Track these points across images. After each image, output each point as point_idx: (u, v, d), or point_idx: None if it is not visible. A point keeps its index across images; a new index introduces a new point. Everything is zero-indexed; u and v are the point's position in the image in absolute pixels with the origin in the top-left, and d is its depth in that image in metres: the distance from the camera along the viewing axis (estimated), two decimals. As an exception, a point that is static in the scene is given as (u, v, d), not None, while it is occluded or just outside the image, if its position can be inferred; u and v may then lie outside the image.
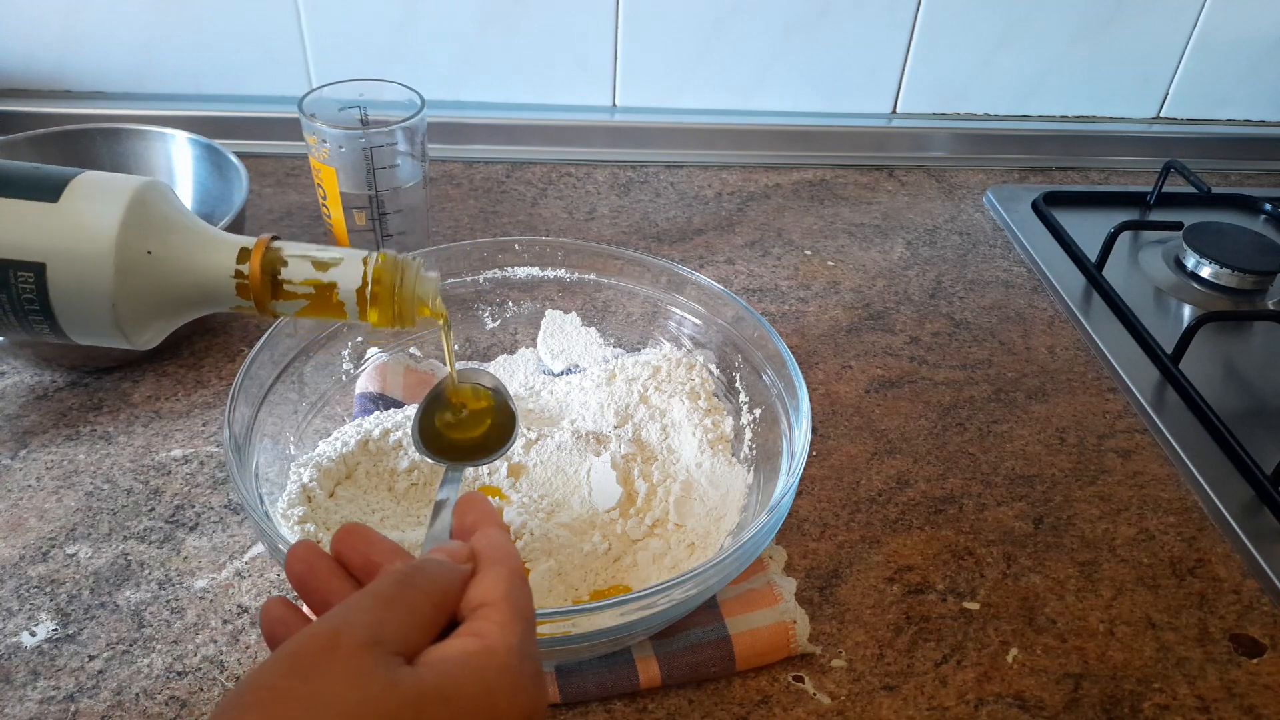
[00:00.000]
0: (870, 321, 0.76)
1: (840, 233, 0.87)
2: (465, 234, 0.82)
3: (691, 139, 0.95)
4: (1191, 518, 0.61)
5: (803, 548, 0.57)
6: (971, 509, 0.60)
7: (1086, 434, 0.67)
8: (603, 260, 0.64)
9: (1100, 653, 0.52)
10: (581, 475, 0.57)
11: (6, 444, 0.60)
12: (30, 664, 0.48)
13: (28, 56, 0.87)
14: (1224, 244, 0.83)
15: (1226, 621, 0.54)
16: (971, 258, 0.85)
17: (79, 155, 0.72)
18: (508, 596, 0.29)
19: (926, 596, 0.55)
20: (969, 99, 0.99)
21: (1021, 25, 0.94)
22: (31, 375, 0.65)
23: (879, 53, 0.95)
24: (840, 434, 0.65)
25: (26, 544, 0.54)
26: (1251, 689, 0.51)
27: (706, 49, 0.93)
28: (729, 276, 0.80)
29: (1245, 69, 1.00)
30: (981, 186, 0.96)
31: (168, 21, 0.86)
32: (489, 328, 0.66)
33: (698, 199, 0.90)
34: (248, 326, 0.70)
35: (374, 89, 0.67)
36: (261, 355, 0.53)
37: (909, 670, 0.51)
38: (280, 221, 0.82)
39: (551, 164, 0.93)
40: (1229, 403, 0.69)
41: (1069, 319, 0.78)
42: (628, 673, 0.48)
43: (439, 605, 0.29)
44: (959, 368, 0.72)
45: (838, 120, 0.98)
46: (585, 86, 0.94)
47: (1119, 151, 1.02)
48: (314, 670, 0.25)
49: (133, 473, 0.59)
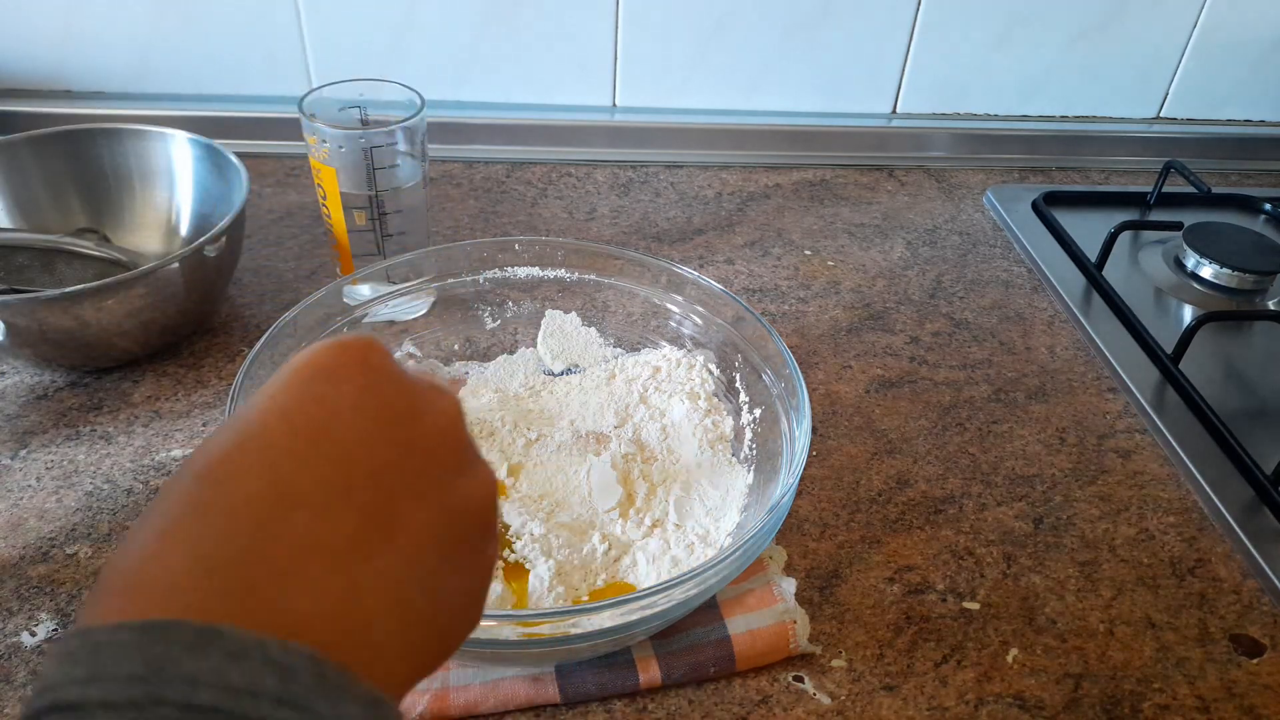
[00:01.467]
0: (870, 321, 0.76)
1: (840, 233, 0.87)
2: (465, 234, 0.82)
3: (691, 139, 0.95)
4: (1191, 518, 0.61)
5: (803, 548, 0.57)
6: (971, 509, 0.60)
7: (1086, 434, 0.67)
8: (603, 260, 0.64)
9: (1100, 653, 0.52)
10: (581, 475, 0.57)
11: (6, 444, 0.60)
12: (30, 664, 0.48)
13: (28, 56, 0.87)
14: (1224, 244, 0.83)
15: (1226, 621, 0.54)
16: (971, 258, 0.85)
17: (79, 155, 0.72)
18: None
19: (926, 596, 0.55)
20: (969, 99, 0.99)
21: (1021, 25, 0.94)
22: (31, 375, 0.65)
23: (879, 53, 0.95)
24: (840, 434, 0.65)
25: (26, 544, 0.54)
26: (1251, 689, 0.51)
27: (706, 49, 0.93)
28: (729, 276, 0.80)
29: (1245, 69, 1.00)
30: (981, 186, 0.96)
31: (168, 21, 0.86)
32: (489, 328, 0.66)
33: (698, 199, 0.90)
34: (248, 326, 0.71)
35: (374, 89, 0.67)
36: (261, 355, 0.53)
37: (909, 670, 0.51)
38: (280, 221, 0.82)
39: (551, 164, 0.93)
40: (1229, 403, 0.69)
41: (1069, 319, 0.78)
42: (628, 673, 0.48)
43: None
44: (959, 368, 0.72)
45: (838, 120, 0.98)
46: (585, 86, 0.94)
47: (1119, 151, 1.02)
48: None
49: (133, 473, 0.59)
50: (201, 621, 0.20)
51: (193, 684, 0.19)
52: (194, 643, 0.19)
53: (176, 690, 0.19)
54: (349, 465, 0.24)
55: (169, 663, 0.19)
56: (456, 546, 0.26)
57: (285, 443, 0.24)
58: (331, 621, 0.22)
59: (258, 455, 0.23)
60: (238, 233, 0.68)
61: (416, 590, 0.24)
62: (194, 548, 0.21)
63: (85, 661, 0.19)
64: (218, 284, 0.69)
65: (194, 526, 0.22)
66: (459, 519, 0.26)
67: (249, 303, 0.73)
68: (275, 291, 0.74)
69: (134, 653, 0.19)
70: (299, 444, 0.24)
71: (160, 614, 0.20)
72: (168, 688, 0.19)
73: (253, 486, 0.23)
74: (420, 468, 0.25)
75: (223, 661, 0.19)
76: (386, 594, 0.23)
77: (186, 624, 0.20)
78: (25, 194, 0.71)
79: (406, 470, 0.25)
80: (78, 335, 0.60)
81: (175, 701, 0.18)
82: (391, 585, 0.23)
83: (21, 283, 0.66)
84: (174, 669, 0.19)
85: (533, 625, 0.42)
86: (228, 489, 0.22)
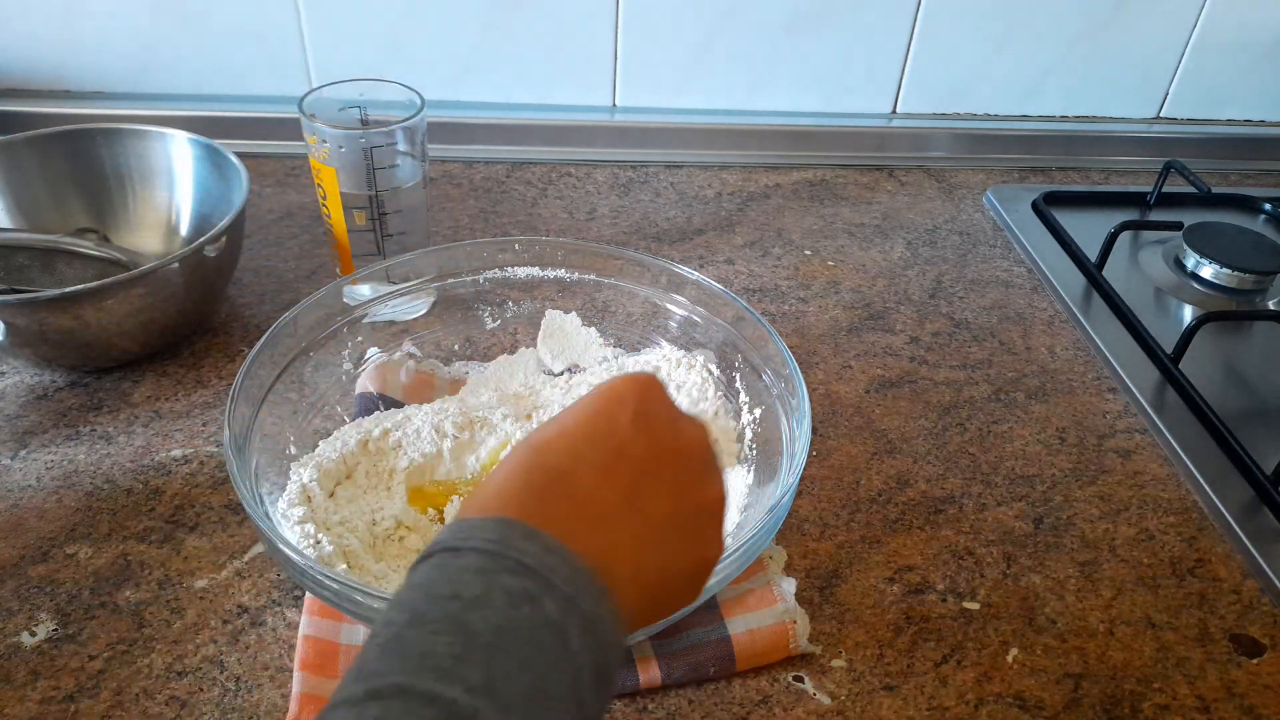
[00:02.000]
0: (870, 321, 0.76)
1: (840, 233, 0.87)
2: (465, 234, 0.82)
3: (691, 139, 0.95)
4: (1191, 518, 0.61)
5: (803, 548, 0.57)
6: (971, 509, 0.60)
7: (1086, 434, 0.67)
8: (603, 260, 0.64)
9: (1100, 653, 0.52)
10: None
11: (6, 444, 0.60)
12: (30, 664, 0.48)
13: (28, 56, 0.87)
14: (1224, 244, 0.83)
15: (1226, 621, 0.54)
16: (971, 258, 0.85)
17: (79, 155, 0.72)
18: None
19: (926, 596, 0.55)
20: (969, 99, 0.99)
21: (1021, 25, 0.94)
22: (31, 375, 0.65)
23: (879, 53, 0.95)
24: (840, 434, 0.65)
25: (26, 544, 0.54)
26: (1251, 689, 0.51)
27: (706, 49, 0.93)
28: (729, 276, 0.80)
29: (1245, 69, 1.00)
30: (981, 186, 0.96)
31: (168, 21, 0.86)
32: (489, 328, 0.66)
33: (698, 199, 0.90)
34: (248, 326, 0.71)
35: (374, 89, 0.67)
36: (261, 355, 0.53)
37: (909, 670, 0.51)
38: (280, 222, 0.82)
39: (551, 164, 0.93)
40: (1229, 403, 0.69)
41: (1069, 319, 0.78)
42: (628, 673, 0.48)
43: None
44: (959, 368, 0.72)
45: (838, 120, 0.98)
46: (585, 86, 0.94)
47: (1119, 151, 1.02)
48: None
49: (133, 473, 0.59)
50: (528, 525, 0.31)
51: (524, 554, 0.29)
52: (526, 534, 0.30)
53: (515, 554, 0.29)
54: (618, 454, 0.34)
55: (512, 538, 0.30)
56: (687, 534, 0.35)
57: (582, 434, 0.34)
58: (597, 555, 0.31)
59: (566, 440, 0.34)
60: (238, 233, 0.68)
61: (652, 555, 0.33)
62: (526, 483, 0.33)
63: (462, 531, 0.31)
64: (218, 284, 0.69)
65: (527, 471, 0.33)
66: (692, 512, 0.35)
67: (249, 303, 0.73)
68: (275, 291, 0.74)
69: (493, 530, 0.30)
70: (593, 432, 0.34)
71: (506, 515, 0.31)
72: (510, 550, 0.29)
73: (561, 451, 0.34)
74: (670, 471, 0.35)
75: (541, 550, 0.30)
76: (631, 549, 0.33)
77: (521, 523, 0.31)
78: (25, 194, 0.71)
79: (661, 469, 0.35)
80: (78, 335, 0.60)
81: (514, 559, 0.29)
82: (635, 544, 0.33)
83: (21, 283, 0.66)
84: (514, 544, 0.30)
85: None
86: (547, 451, 0.34)
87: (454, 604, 0.28)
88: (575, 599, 0.29)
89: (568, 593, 0.29)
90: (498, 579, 0.29)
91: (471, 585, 0.29)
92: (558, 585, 0.29)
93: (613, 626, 0.30)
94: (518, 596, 0.29)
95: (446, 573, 0.30)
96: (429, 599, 0.29)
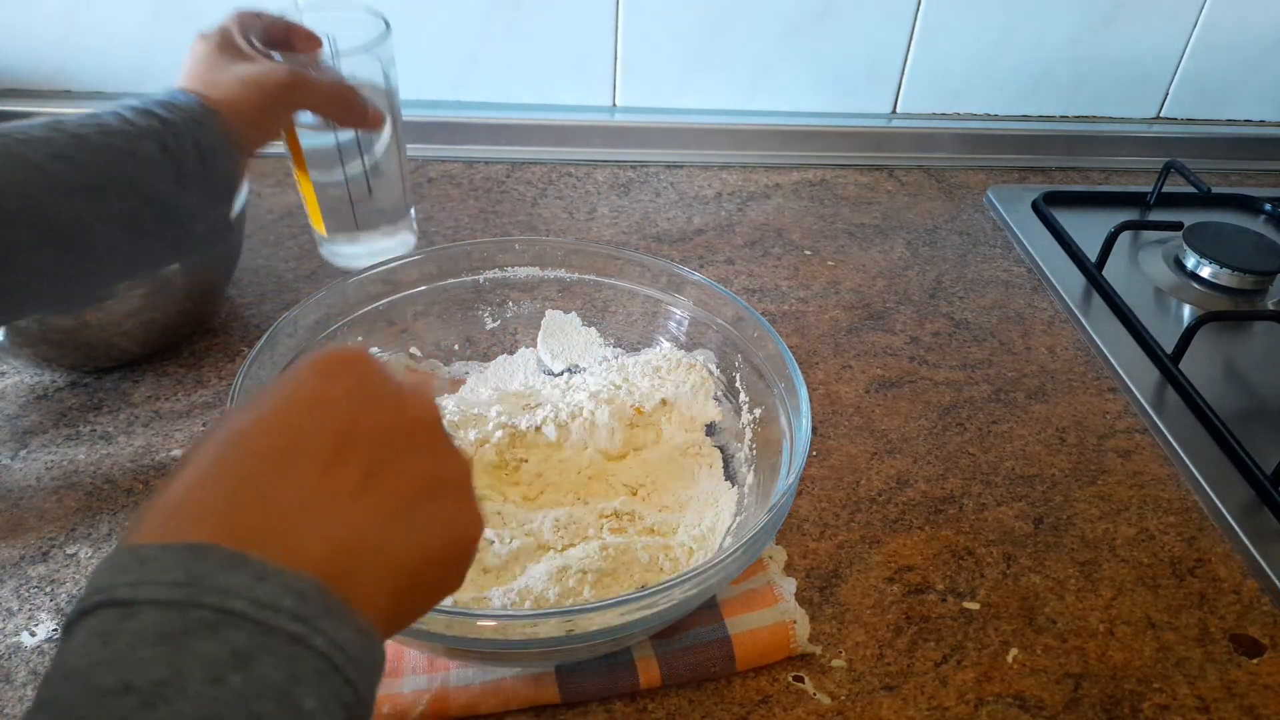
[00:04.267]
0: (870, 321, 0.76)
1: (840, 233, 0.87)
2: (465, 234, 0.82)
3: (691, 139, 0.95)
4: (1191, 518, 0.61)
5: (803, 548, 0.57)
6: (971, 509, 0.60)
7: (1086, 434, 0.67)
8: (603, 260, 0.64)
9: (1100, 653, 0.52)
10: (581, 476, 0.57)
11: (6, 444, 0.60)
12: (30, 664, 0.48)
13: (28, 56, 0.87)
14: (1224, 244, 0.83)
15: (1226, 621, 0.54)
16: (971, 258, 0.85)
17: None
18: None
19: (926, 596, 0.55)
20: (969, 99, 0.99)
21: (1021, 25, 0.94)
22: (31, 375, 0.65)
23: (879, 52, 0.95)
24: (840, 434, 0.65)
25: (26, 544, 0.54)
26: (1251, 689, 0.51)
27: (706, 49, 0.93)
28: (729, 276, 0.80)
29: (1245, 69, 1.00)
30: (981, 186, 0.96)
31: (168, 21, 0.86)
32: (489, 328, 0.66)
33: (698, 199, 0.90)
34: (248, 326, 0.71)
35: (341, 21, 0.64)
36: (261, 355, 0.53)
37: (909, 670, 0.51)
38: (280, 221, 0.82)
39: (551, 164, 0.93)
40: (1229, 403, 0.69)
41: (1069, 319, 0.78)
42: (628, 673, 0.48)
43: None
44: (959, 368, 0.72)
45: (838, 120, 0.98)
46: (585, 86, 0.94)
47: (1119, 151, 1.02)
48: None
49: (133, 473, 0.59)
50: (231, 547, 0.24)
51: (226, 594, 0.23)
52: (227, 563, 0.24)
53: (213, 597, 0.23)
54: (341, 438, 0.29)
55: (207, 575, 0.23)
56: (433, 512, 0.30)
57: (292, 418, 0.29)
58: (328, 561, 0.26)
59: (271, 424, 0.28)
60: (238, 233, 0.68)
61: (399, 542, 0.28)
62: (222, 490, 0.26)
63: (134, 570, 0.23)
64: (218, 284, 0.69)
65: (222, 474, 0.27)
66: (430, 488, 0.30)
67: (249, 303, 0.73)
68: (275, 291, 0.74)
69: (178, 565, 0.23)
70: (303, 419, 0.29)
71: (197, 539, 0.24)
72: (206, 594, 0.23)
73: (268, 446, 0.28)
74: (401, 444, 0.30)
75: (250, 580, 0.23)
76: (373, 540, 0.28)
77: (220, 548, 0.24)
78: (25, 194, 0.71)
79: (389, 445, 0.30)
80: (78, 335, 0.60)
81: (212, 606, 0.23)
82: (377, 534, 0.28)
83: (21, 283, 0.66)
84: (211, 580, 0.23)
85: (532, 625, 0.42)
86: (248, 448, 0.27)
87: (126, 702, 0.21)
88: (306, 637, 0.23)
89: (295, 631, 0.23)
90: (189, 646, 0.22)
91: (151, 666, 0.21)
92: (280, 625, 0.23)
93: (363, 647, 0.25)
94: (221, 665, 0.22)
95: (113, 647, 0.22)
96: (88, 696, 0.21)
